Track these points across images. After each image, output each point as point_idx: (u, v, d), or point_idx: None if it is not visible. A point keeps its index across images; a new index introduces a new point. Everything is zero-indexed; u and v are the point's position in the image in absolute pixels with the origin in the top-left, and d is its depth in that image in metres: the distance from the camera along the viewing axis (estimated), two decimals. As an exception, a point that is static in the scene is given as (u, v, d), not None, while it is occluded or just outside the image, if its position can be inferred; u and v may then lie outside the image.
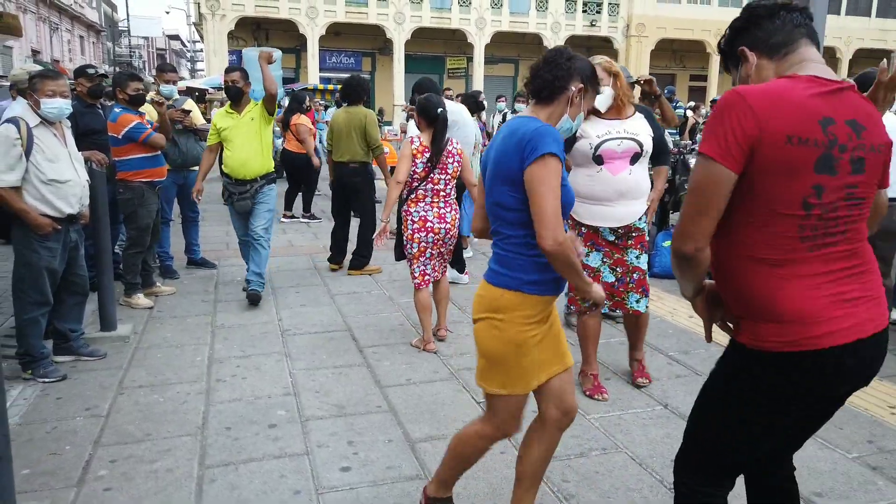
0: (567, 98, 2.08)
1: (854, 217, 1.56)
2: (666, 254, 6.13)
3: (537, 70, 2.11)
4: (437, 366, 3.99)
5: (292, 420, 3.28)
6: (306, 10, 25.52)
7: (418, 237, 4.11)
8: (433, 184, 4.06)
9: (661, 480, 2.76)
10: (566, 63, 2.08)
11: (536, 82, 2.10)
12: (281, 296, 5.42)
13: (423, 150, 4.02)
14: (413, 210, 4.11)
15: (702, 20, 29.48)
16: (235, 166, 5.07)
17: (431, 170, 4.01)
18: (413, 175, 4.04)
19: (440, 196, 4.11)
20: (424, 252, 4.15)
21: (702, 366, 3.98)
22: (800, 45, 1.66)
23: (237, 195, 5.14)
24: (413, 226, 4.11)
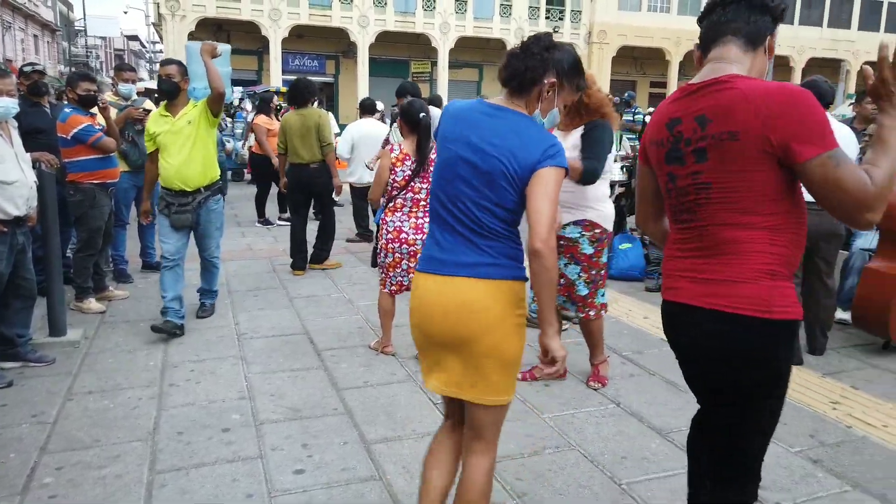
0: (539, 92, 1.90)
1: (702, 200, 1.72)
2: (623, 256, 6.25)
3: (511, 57, 1.92)
4: (395, 368, 4.00)
5: (246, 424, 3.25)
6: (269, 12, 25.30)
7: (392, 247, 3.96)
8: (413, 192, 3.90)
9: (612, 477, 2.82)
10: (542, 53, 1.87)
11: (508, 70, 1.90)
12: (238, 300, 5.36)
13: (404, 157, 3.88)
14: (389, 219, 3.96)
15: (661, 28, 30.11)
16: (171, 176, 4.40)
17: (412, 178, 3.86)
18: (392, 184, 3.89)
19: (419, 206, 3.93)
20: (399, 263, 3.99)
21: (654, 365, 4.07)
22: (720, 43, 1.77)
23: (176, 206, 4.45)
24: (387, 235, 3.96)
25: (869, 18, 32.10)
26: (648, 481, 2.79)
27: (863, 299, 4.25)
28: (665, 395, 3.66)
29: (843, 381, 3.89)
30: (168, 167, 4.40)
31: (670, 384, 3.79)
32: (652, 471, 2.88)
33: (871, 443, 3.15)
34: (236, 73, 26.50)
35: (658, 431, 3.24)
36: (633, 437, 3.17)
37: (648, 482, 2.79)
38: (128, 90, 5.81)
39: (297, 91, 6.26)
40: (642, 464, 2.94)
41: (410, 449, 3.03)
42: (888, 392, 3.73)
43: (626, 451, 3.04)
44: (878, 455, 3.03)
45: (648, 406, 3.51)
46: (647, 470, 2.88)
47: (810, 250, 3.93)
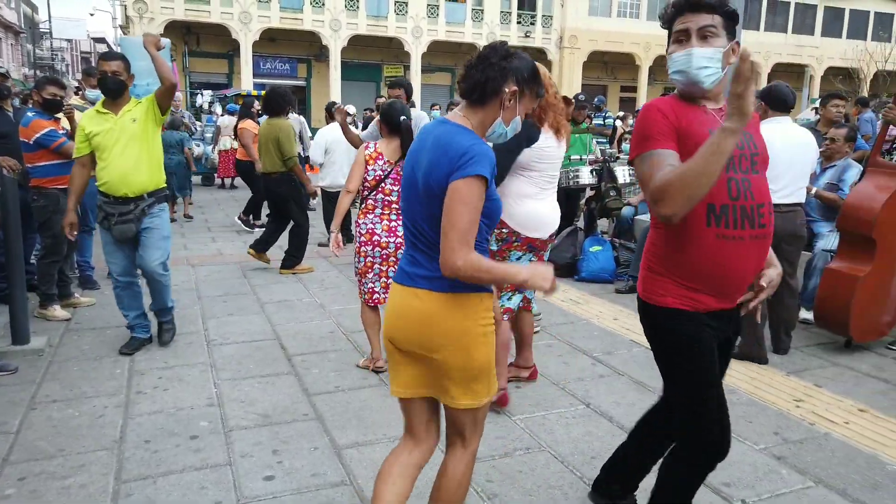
0: (500, 101, 1.89)
1: None
2: (593, 259, 6.31)
3: (470, 68, 1.91)
4: (366, 373, 3.99)
5: (215, 431, 3.21)
6: (239, 15, 25.11)
7: (365, 251, 3.85)
8: (384, 194, 3.81)
9: (581, 477, 2.85)
10: (501, 62, 1.87)
11: (468, 82, 1.90)
12: (208, 305, 5.30)
13: (376, 156, 3.81)
14: (362, 222, 3.86)
15: (631, 33, 30.55)
16: (113, 181, 3.95)
17: (383, 179, 3.80)
18: (364, 183, 3.81)
19: (391, 208, 3.84)
20: (372, 268, 3.86)
21: (623, 366, 4.12)
22: None
23: (116, 216, 4.00)
24: (360, 238, 3.85)
25: (832, 25, 32.95)
26: (617, 481, 2.82)
27: (824, 299, 4.35)
28: (634, 394, 3.70)
29: (807, 379, 3.97)
30: (110, 171, 3.95)
31: (639, 384, 3.84)
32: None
33: (833, 439, 3.22)
34: (206, 76, 26.35)
35: (627, 431, 3.27)
36: (602, 437, 3.21)
37: (617, 481, 2.82)
38: (95, 95, 5.72)
39: (270, 100, 6.34)
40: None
41: (382, 453, 3.02)
42: (850, 390, 3.83)
43: (596, 451, 3.07)
44: (840, 451, 3.11)
45: (617, 406, 3.55)
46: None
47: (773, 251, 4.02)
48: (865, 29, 33.23)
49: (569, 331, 4.81)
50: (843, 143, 5.08)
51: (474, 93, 1.89)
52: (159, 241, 4.14)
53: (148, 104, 4.01)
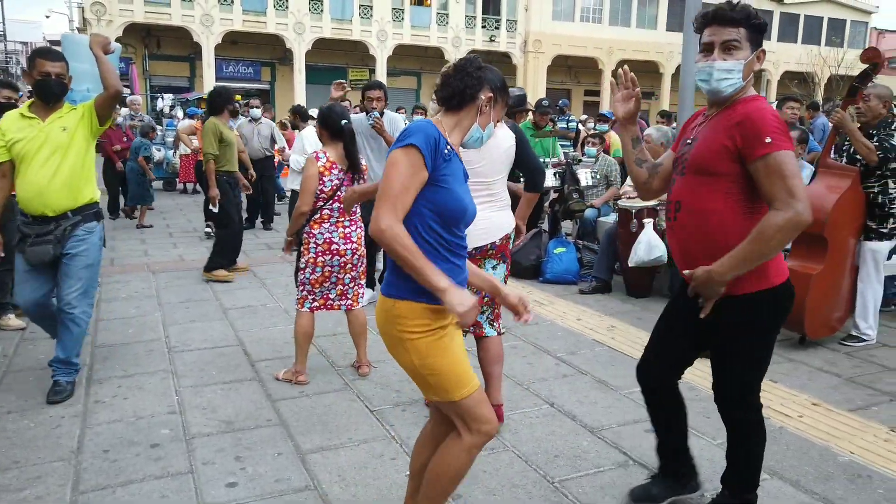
0: (477, 107, 2.07)
1: None
2: (557, 260, 6.38)
3: (448, 78, 2.09)
4: (332, 377, 3.97)
5: (176, 439, 3.17)
6: (201, 18, 24.77)
7: (322, 261, 3.73)
8: (339, 202, 3.71)
9: (545, 475, 2.88)
10: (476, 72, 2.08)
11: (446, 90, 2.08)
12: (169, 312, 5.21)
13: (331, 166, 3.70)
14: (317, 231, 3.72)
15: (594, 38, 30.97)
16: (30, 197, 3.43)
17: (339, 187, 3.70)
18: (319, 194, 3.68)
19: (345, 214, 3.78)
20: (329, 277, 3.78)
21: (586, 365, 4.17)
22: None
23: (33, 237, 3.46)
24: (316, 249, 3.72)
25: (787, 31, 33.85)
26: (580, 478, 2.87)
27: (779, 297, 4.47)
28: (596, 393, 3.76)
29: (763, 374, 4.08)
30: (26, 185, 3.43)
31: (601, 383, 3.90)
32: (583, 468, 2.95)
33: (788, 433, 3.32)
34: (167, 80, 25.92)
35: (590, 430, 3.33)
36: (565, 436, 3.25)
37: (580, 479, 2.86)
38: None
39: (210, 100, 6.40)
40: (574, 461, 3.01)
41: (347, 457, 3.02)
42: (804, 384, 3.94)
43: (559, 450, 3.11)
44: (794, 444, 3.20)
45: (580, 405, 3.60)
46: (579, 467, 2.96)
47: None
48: (819, 34, 34.24)
49: (533, 332, 4.86)
50: (795, 146, 5.22)
51: (453, 99, 2.07)
52: (81, 271, 3.54)
53: (84, 112, 3.54)
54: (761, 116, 2.12)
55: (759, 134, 2.11)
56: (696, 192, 2.28)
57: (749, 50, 2.20)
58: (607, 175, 7.08)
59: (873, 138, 4.42)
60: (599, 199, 6.98)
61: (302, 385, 3.81)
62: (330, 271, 3.78)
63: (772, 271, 2.25)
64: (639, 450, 3.12)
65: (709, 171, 2.24)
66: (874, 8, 36.40)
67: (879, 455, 3.10)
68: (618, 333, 4.82)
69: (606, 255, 6.07)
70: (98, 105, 3.54)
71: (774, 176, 2.09)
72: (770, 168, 2.10)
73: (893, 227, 4.47)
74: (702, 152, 2.26)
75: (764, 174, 2.11)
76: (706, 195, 2.25)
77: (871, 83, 4.42)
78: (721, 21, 2.20)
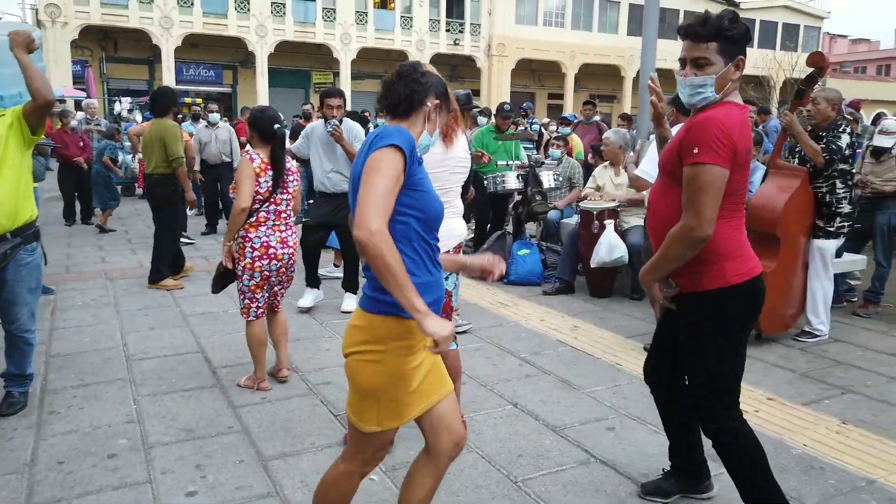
0: (424, 114, 2.02)
1: None
2: (521, 262, 6.43)
3: (391, 85, 2.02)
4: (295, 382, 3.94)
5: (135, 448, 3.11)
6: (159, 20, 24.34)
7: (259, 265, 3.64)
8: (275, 205, 3.69)
9: (508, 475, 2.90)
10: (421, 78, 2.01)
11: (392, 97, 2.00)
12: (127, 319, 5.11)
13: (266, 167, 3.65)
14: (254, 235, 3.64)
15: (557, 42, 31.30)
16: None
17: (274, 190, 3.68)
18: (256, 195, 3.61)
19: (281, 218, 3.73)
20: (267, 281, 3.71)
21: (549, 365, 4.22)
22: None
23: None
24: (253, 253, 3.63)
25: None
26: (542, 476, 2.90)
27: (735, 294, 4.58)
28: (559, 393, 3.80)
29: (720, 371, 4.17)
30: None
31: (564, 382, 3.94)
32: (546, 466, 2.99)
33: (744, 427, 3.40)
34: (126, 83, 25.40)
35: (553, 429, 3.36)
36: (528, 436, 3.28)
37: (542, 477, 2.89)
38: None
39: (154, 100, 6.23)
40: (537, 460, 3.04)
41: (310, 462, 3.00)
42: (759, 380, 4.05)
43: (522, 450, 3.14)
44: (750, 437, 3.28)
45: (543, 405, 3.64)
46: (542, 466, 2.99)
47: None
48: (774, 39, 35.18)
49: (497, 333, 4.89)
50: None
51: (399, 106, 2.00)
52: (26, 295, 3.36)
53: (13, 119, 3.21)
54: (704, 127, 2.16)
55: (692, 143, 2.16)
56: (665, 195, 2.34)
57: (722, 63, 2.21)
58: (570, 177, 7.17)
59: (822, 140, 4.56)
60: (562, 200, 7.06)
61: (264, 391, 3.77)
62: (268, 275, 3.70)
63: (729, 271, 2.27)
64: (600, 447, 3.16)
65: (672, 175, 2.28)
66: (826, 13, 37.56)
67: (831, 447, 3.20)
68: (580, 333, 4.88)
69: (569, 257, 6.14)
70: (26, 114, 3.22)
71: (688, 186, 2.17)
72: (687, 178, 2.18)
73: (840, 226, 4.62)
74: (665, 155, 2.34)
75: (684, 182, 2.20)
76: (669, 197, 2.30)
77: (819, 86, 4.57)
78: (692, 37, 2.24)
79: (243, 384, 3.85)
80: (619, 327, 5.08)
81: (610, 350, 4.51)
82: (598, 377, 4.02)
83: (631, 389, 3.85)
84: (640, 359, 4.32)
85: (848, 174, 4.64)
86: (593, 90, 31.27)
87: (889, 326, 5.20)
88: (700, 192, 2.14)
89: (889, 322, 5.33)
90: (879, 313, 5.50)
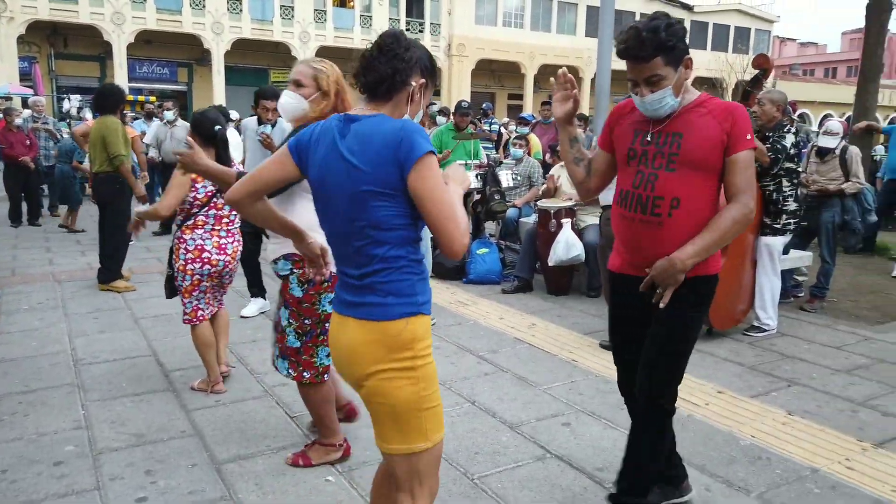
0: (408, 95, 1.77)
1: None
2: (480, 261, 6.46)
3: (371, 61, 1.75)
4: (250, 384, 3.88)
5: (82, 455, 3.02)
6: (111, 16, 23.69)
7: (192, 269, 3.56)
8: (216, 209, 3.60)
9: (465, 472, 2.91)
10: (406, 54, 1.75)
11: (372, 75, 1.74)
12: (75, 323, 4.96)
13: None
14: (188, 237, 3.55)
15: (517, 43, 31.50)
16: None
17: (216, 194, 3.56)
18: (193, 201, 3.53)
19: (222, 223, 3.64)
20: (198, 285, 3.62)
21: (507, 363, 4.25)
22: None
23: None
24: (186, 255, 3.55)
25: (697, 38, 35.43)
26: (499, 473, 2.92)
27: (687, 291, 4.68)
28: (516, 390, 3.83)
29: (673, 366, 4.26)
30: None
31: (521, 379, 3.98)
32: (503, 463, 3.01)
33: (696, 420, 3.48)
34: (76, 80, 24.65)
35: (509, 426, 3.39)
36: (485, 433, 3.30)
37: (499, 474, 2.91)
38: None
39: (99, 98, 6.09)
40: (494, 457, 3.06)
41: (265, 465, 2.96)
42: (710, 374, 4.15)
43: (479, 447, 3.16)
44: (701, 431, 3.36)
45: (500, 402, 3.66)
46: (499, 462, 3.01)
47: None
48: (727, 42, 36.08)
49: (457, 332, 4.90)
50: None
51: (381, 86, 1.75)
52: None
53: None
54: (744, 116, 2.27)
55: (744, 131, 2.23)
56: (695, 188, 2.25)
57: (672, 72, 2.20)
58: (530, 176, 7.23)
59: (768, 140, 4.70)
60: (521, 198, 7.12)
61: (219, 394, 3.71)
62: (199, 279, 3.61)
63: (719, 257, 2.41)
64: (555, 443, 3.20)
65: (705, 166, 2.24)
66: (776, 17, 38.67)
67: (777, 437, 3.30)
68: (538, 331, 4.93)
69: (528, 255, 6.20)
70: None
71: (744, 170, 2.24)
72: (745, 162, 2.24)
73: (787, 223, 4.77)
74: (702, 150, 2.24)
75: (740, 166, 2.24)
76: (706, 190, 2.27)
77: (764, 87, 4.71)
78: (634, 59, 2.19)
79: (197, 387, 3.78)
80: (576, 324, 5.15)
81: (567, 347, 4.56)
82: (555, 374, 4.07)
83: (586, 385, 3.91)
84: (595, 355, 4.40)
85: (794, 173, 4.80)
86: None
87: (833, 321, 5.39)
88: (753, 175, 2.28)
89: (834, 316, 5.51)
90: (825, 308, 5.69)
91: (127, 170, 5.93)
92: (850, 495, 2.79)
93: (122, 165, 5.88)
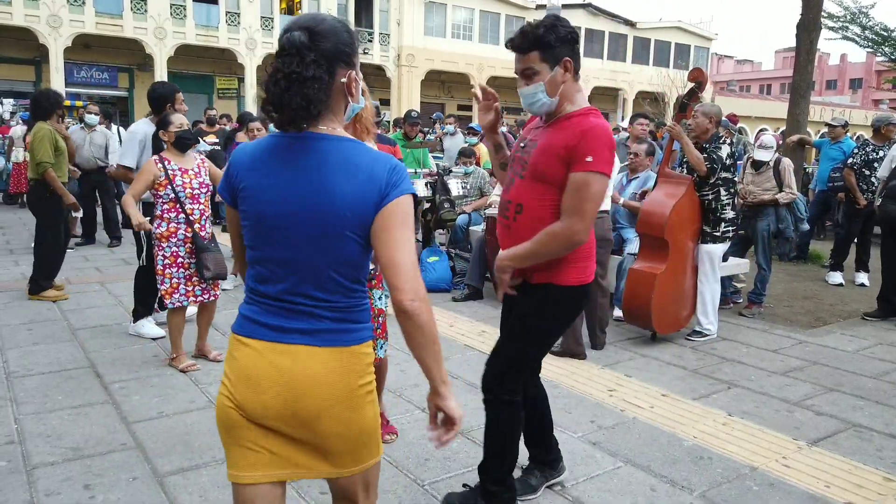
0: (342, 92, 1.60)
1: None
2: (431, 269, 6.47)
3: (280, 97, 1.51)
4: (194, 395, 3.79)
5: (15, 470, 2.88)
6: (47, 19, 22.85)
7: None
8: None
9: (415, 479, 2.91)
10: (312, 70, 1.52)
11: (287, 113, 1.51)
12: (8, 335, 4.74)
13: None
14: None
15: (466, 54, 31.80)
16: None
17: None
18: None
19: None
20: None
21: (458, 369, 4.26)
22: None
23: None
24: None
25: (640, 54, 36.51)
26: (449, 479, 2.92)
27: (629, 297, 4.81)
28: (466, 395, 3.84)
29: (619, 370, 4.36)
30: None
31: (471, 385, 3.99)
32: (453, 469, 3.01)
33: (641, 422, 3.56)
34: (10, 84, 23.64)
35: (460, 431, 3.38)
36: (436, 440, 3.29)
37: (449, 479, 2.92)
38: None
39: (34, 104, 5.98)
40: (444, 463, 3.06)
41: (209, 476, 2.89)
42: (654, 377, 4.25)
43: (430, 453, 3.15)
44: (646, 433, 3.44)
45: (451, 409, 3.66)
46: (449, 468, 3.02)
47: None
48: (668, 58, 37.25)
49: (406, 340, 4.88)
50: (644, 157, 5.67)
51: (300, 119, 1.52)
52: None
53: None
54: (596, 136, 2.26)
55: (586, 151, 2.24)
56: (536, 198, 2.39)
57: (547, 69, 2.29)
58: (480, 187, 7.28)
59: (704, 151, 4.88)
60: (470, 205, 7.16)
61: (187, 371, 4.10)
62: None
63: (580, 272, 2.45)
64: (505, 448, 3.22)
65: (546, 179, 2.35)
66: (714, 35, 40.16)
67: (718, 438, 3.41)
68: (488, 338, 4.96)
69: (478, 263, 6.24)
70: None
71: (577, 192, 2.26)
72: (577, 183, 2.26)
73: (726, 231, 4.95)
74: (542, 159, 2.36)
75: (571, 187, 2.27)
76: (546, 201, 2.37)
77: (700, 100, 4.91)
78: (516, 50, 2.35)
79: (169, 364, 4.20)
80: (525, 331, 5.20)
81: (516, 353, 4.60)
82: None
83: (535, 391, 3.95)
84: (546, 361, 4.44)
85: (731, 182, 4.99)
86: (501, 102, 31.87)
87: (770, 325, 5.61)
88: (589, 199, 2.27)
89: (770, 321, 5.74)
90: (762, 313, 5.91)
91: (52, 177, 5.70)
92: (786, 492, 2.90)
93: (47, 173, 5.67)
